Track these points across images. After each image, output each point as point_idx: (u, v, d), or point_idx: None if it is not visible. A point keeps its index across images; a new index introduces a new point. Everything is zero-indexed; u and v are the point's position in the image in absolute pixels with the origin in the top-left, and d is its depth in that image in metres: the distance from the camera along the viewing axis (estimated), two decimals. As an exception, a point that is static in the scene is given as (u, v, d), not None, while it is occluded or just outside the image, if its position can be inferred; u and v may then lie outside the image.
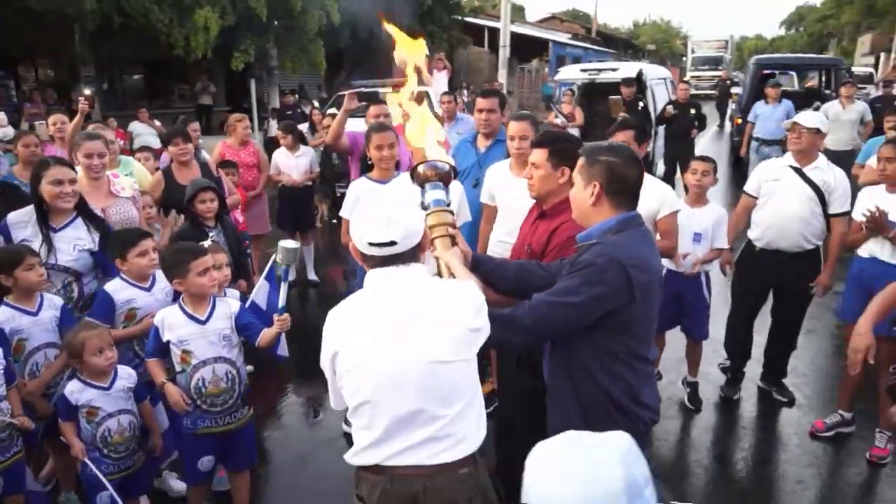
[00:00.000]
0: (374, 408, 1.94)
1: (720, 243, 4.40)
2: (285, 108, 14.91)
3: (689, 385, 4.65)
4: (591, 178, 2.25)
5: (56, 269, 3.40)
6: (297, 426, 4.52)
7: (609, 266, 2.12)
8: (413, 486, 1.94)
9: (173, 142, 5.06)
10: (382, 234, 1.93)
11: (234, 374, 3.07)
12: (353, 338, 1.95)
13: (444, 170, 2.44)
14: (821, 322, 5.73)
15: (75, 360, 2.96)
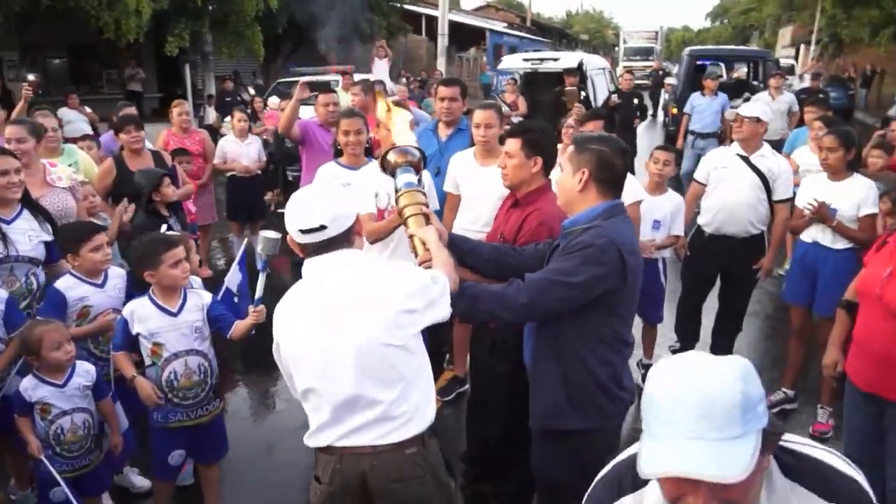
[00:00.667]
0: (318, 394, 2.03)
1: (677, 230, 4.57)
2: (224, 94, 14.53)
3: (643, 367, 4.82)
4: (581, 164, 2.30)
5: (19, 260, 3.26)
6: (260, 416, 4.47)
7: (608, 248, 2.18)
8: (360, 465, 2.03)
9: (125, 129, 4.91)
10: (311, 220, 1.96)
11: (207, 366, 3.02)
12: (291, 327, 2.03)
13: (414, 155, 2.45)
14: (759, 305, 6.00)
15: (32, 356, 2.86)
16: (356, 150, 4.10)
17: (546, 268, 2.28)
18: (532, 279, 2.22)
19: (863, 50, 26.73)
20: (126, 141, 4.92)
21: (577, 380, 2.33)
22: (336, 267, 2.01)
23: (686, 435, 1.18)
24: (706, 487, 1.18)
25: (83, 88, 16.30)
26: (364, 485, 2.04)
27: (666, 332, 5.47)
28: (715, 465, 1.16)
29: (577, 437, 2.39)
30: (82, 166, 4.83)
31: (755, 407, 1.20)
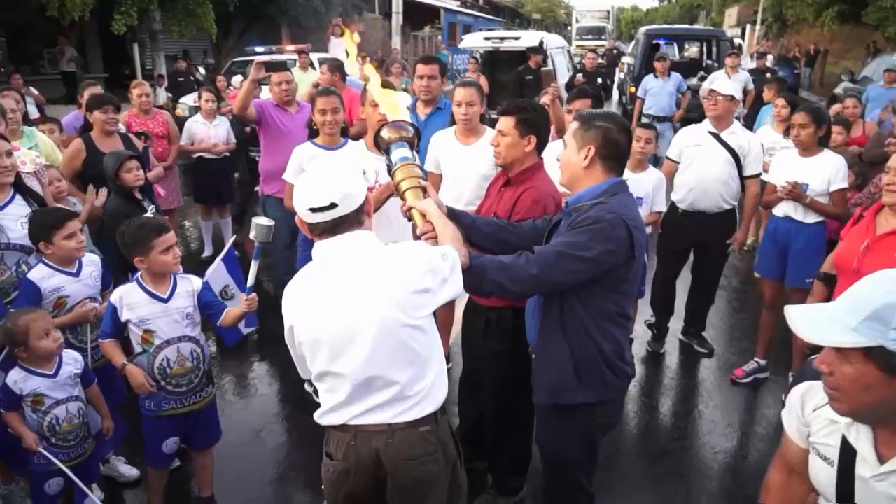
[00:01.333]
0: (334, 376, 2.02)
1: (659, 206, 4.65)
2: (177, 74, 14.11)
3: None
4: (586, 141, 2.31)
5: (10, 247, 3.14)
6: (245, 400, 4.41)
7: (617, 224, 2.19)
8: (374, 443, 2.04)
9: (103, 108, 4.73)
10: (321, 198, 1.93)
11: (199, 352, 2.97)
12: (304, 310, 2.00)
13: (408, 130, 2.41)
14: (726, 279, 6.16)
15: (18, 347, 2.76)
16: (333, 130, 4.04)
17: (555, 241, 2.28)
18: (542, 251, 2.22)
19: (806, 30, 27.44)
20: (102, 120, 4.73)
21: (584, 354, 2.35)
22: (348, 248, 1.98)
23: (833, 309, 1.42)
24: (825, 352, 1.46)
25: (24, 69, 15.62)
26: (377, 462, 2.05)
27: (641, 307, 5.59)
28: (807, 324, 1.42)
29: (583, 410, 2.43)
30: (43, 150, 4.64)
31: (885, 323, 1.33)
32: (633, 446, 3.90)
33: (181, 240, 7.53)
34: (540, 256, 2.21)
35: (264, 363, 4.93)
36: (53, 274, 3.07)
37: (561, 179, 2.47)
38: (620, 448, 3.86)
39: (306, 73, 11.86)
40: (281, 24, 21.41)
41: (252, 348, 5.09)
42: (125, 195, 3.91)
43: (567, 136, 2.40)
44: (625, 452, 3.83)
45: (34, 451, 2.78)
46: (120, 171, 3.91)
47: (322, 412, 2.10)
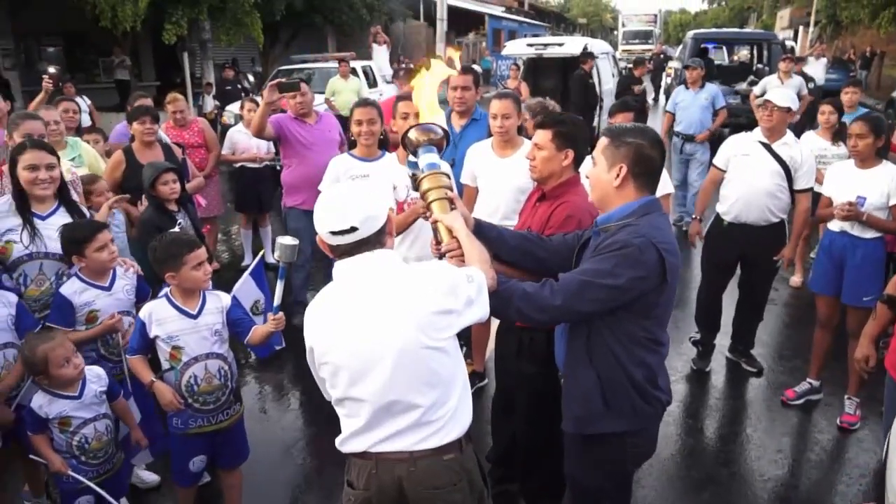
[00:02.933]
0: (354, 400, 1.97)
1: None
2: (225, 82, 14.33)
3: None
4: (617, 159, 2.20)
5: (49, 257, 3.18)
6: (275, 416, 4.38)
7: (646, 248, 2.08)
8: (396, 471, 1.97)
9: (140, 119, 4.80)
10: (341, 221, 1.88)
11: (227, 369, 2.93)
12: (324, 333, 1.97)
13: (437, 133, 2.32)
14: (776, 293, 5.92)
15: (38, 376, 2.75)
16: (369, 141, 4.00)
17: (580, 268, 2.18)
18: (566, 280, 2.13)
19: (861, 32, 26.53)
20: (140, 132, 4.81)
21: (612, 381, 2.24)
22: (368, 269, 1.94)
23: None
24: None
25: (79, 77, 16.09)
26: (400, 491, 1.98)
27: (685, 323, 5.41)
28: None
29: (613, 440, 2.31)
30: (86, 160, 4.71)
31: None
32: (676, 471, 3.73)
33: (223, 247, 7.60)
34: (563, 286, 2.11)
35: (296, 378, 4.90)
36: (86, 288, 3.07)
37: (591, 197, 2.36)
38: (662, 472, 3.69)
39: (347, 80, 11.95)
40: (326, 32, 21.65)
41: (283, 363, 5.06)
42: (159, 207, 3.92)
43: (596, 153, 2.28)
44: (667, 477, 3.67)
45: (63, 473, 2.77)
46: (156, 183, 3.94)
47: (343, 439, 2.04)
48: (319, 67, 14.45)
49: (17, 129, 3.84)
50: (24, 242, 3.13)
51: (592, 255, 2.18)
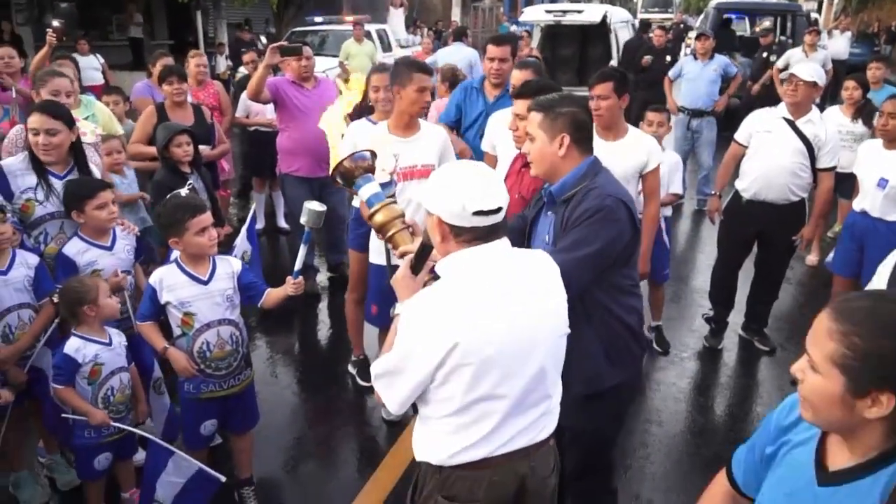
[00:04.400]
0: (493, 399, 1.76)
1: (675, 188, 4.58)
2: (241, 44, 14.16)
3: (653, 329, 4.74)
4: (556, 130, 2.29)
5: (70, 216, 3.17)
6: (289, 379, 4.40)
7: (617, 206, 2.24)
8: (520, 470, 1.85)
9: (168, 80, 4.83)
10: (492, 200, 1.72)
11: (238, 335, 2.93)
12: (475, 327, 1.71)
13: (367, 159, 2.25)
14: (793, 272, 5.85)
15: (87, 306, 2.75)
16: (388, 107, 3.93)
17: (562, 246, 2.23)
18: (562, 262, 2.10)
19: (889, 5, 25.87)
20: (169, 92, 4.84)
21: (612, 334, 2.37)
22: (505, 255, 1.81)
23: None
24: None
25: (92, 34, 15.95)
26: (521, 489, 1.86)
27: (698, 299, 5.38)
28: None
29: (613, 392, 2.45)
30: (100, 119, 4.67)
31: None
32: (686, 448, 3.72)
33: (234, 210, 7.58)
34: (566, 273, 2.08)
35: (306, 343, 4.91)
36: (88, 248, 3.07)
37: (535, 172, 2.40)
38: (672, 450, 3.69)
39: (361, 44, 11.78)
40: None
41: (293, 328, 5.07)
42: (173, 169, 3.90)
43: (532, 129, 2.34)
44: (676, 455, 3.67)
45: (106, 425, 2.80)
46: (170, 145, 3.91)
47: (453, 451, 1.80)
48: (334, 30, 14.28)
49: (44, 85, 3.80)
50: (40, 201, 3.12)
51: (568, 227, 2.26)
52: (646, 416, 3.96)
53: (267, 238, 6.65)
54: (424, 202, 1.83)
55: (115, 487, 3.12)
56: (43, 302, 2.98)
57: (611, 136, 3.61)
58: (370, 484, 3.35)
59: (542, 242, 2.46)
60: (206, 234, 2.79)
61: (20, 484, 3.21)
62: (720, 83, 7.93)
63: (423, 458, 1.88)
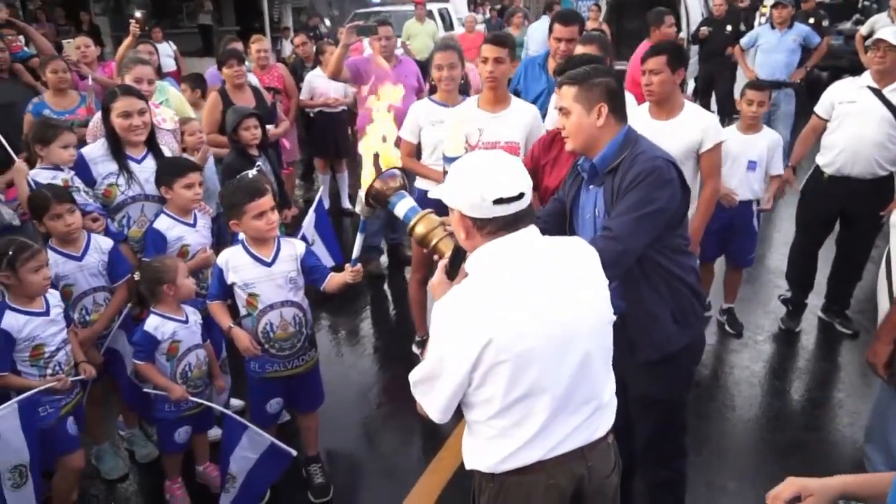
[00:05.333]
0: (535, 398, 1.67)
1: (776, 169, 4.29)
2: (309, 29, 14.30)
3: (725, 312, 4.58)
4: (593, 101, 2.27)
5: (149, 199, 3.33)
6: (356, 358, 4.45)
7: (667, 167, 2.24)
8: (577, 472, 1.76)
9: (228, 63, 4.94)
10: (512, 186, 1.64)
11: (302, 317, 2.96)
12: (510, 321, 1.62)
13: (398, 176, 2.14)
14: (877, 251, 5.53)
15: (167, 284, 2.86)
16: (450, 86, 3.90)
17: (619, 210, 2.22)
18: (617, 226, 2.19)
19: None
20: (229, 75, 4.95)
21: (676, 295, 2.35)
22: (535, 244, 1.71)
23: None
24: None
25: (164, 22, 16.40)
26: (578, 491, 1.78)
27: (774, 280, 5.16)
28: None
29: (683, 353, 2.44)
30: (173, 103, 4.79)
31: None
32: (761, 434, 3.58)
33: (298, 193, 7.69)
34: (618, 231, 2.18)
35: (371, 324, 4.95)
36: (175, 224, 3.21)
37: (572, 146, 2.35)
38: (745, 435, 3.56)
39: (423, 24, 11.71)
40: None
41: (360, 309, 5.12)
42: (241, 152, 3.96)
43: (566, 103, 2.30)
44: (751, 440, 3.53)
45: (185, 400, 2.90)
46: (239, 129, 3.97)
47: (502, 457, 1.72)
48: (395, 10, 14.21)
49: (129, 72, 3.96)
50: (121, 186, 3.27)
51: (621, 194, 2.23)
52: (719, 401, 3.83)
53: (331, 219, 6.73)
54: (444, 198, 1.75)
55: (191, 461, 3.23)
56: (117, 284, 3.09)
57: (663, 114, 3.47)
58: (434, 464, 3.36)
59: (588, 219, 2.41)
60: (263, 219, 2.81)
61: (102, 456, 3.35)
62: (800, 53, 7.50)
63: (473, 466, 1.80)
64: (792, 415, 3.77)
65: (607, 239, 2.16)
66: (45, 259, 2.69)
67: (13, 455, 2.51)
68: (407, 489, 3.20)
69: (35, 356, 2.67)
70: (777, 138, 4.33)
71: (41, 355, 2.68)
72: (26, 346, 2.64)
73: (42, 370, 2.69)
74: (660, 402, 2.49)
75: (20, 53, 5.87)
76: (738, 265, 4.51)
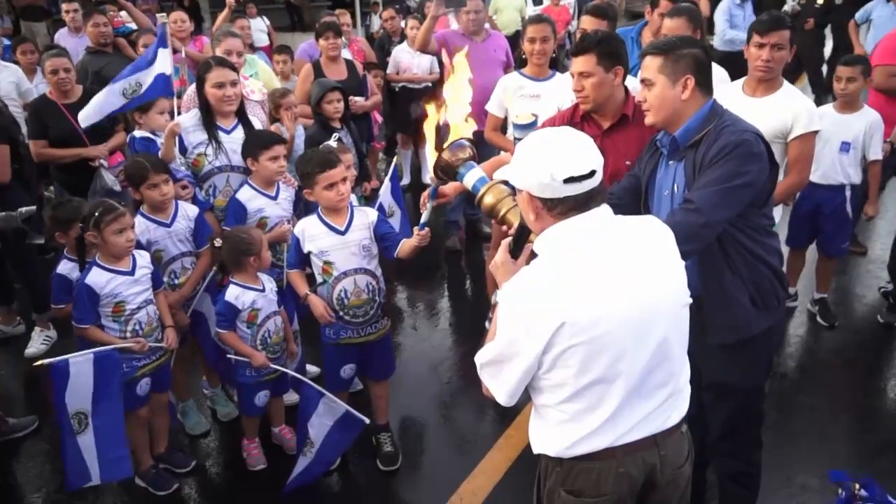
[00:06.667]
0: (608, 384, 1.61)
1: (875, 154, 4.01)
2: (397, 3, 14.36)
3: (817, 303, 4.34)
4: (679, 73, 2.18)
5: (235, 170, 3.43)
6: (430, 332, 4.49)
7: (755, 140, 2.14)
8: (649, 460, 1.69)
9: (325, 35, 5.06)
10: (582, 164, 1.56)
11: (375, 284, 3.00)
12: (587, 303, 1.56)
13: (466, 146, 2.08)
14: None
15: (252, 256, 2.96)
16: (541, 60, 3.86)
17: (703, 182, 2.12)
18: (701, 197, 2.09)
19: None
20: (325, 47, 5.07)
21: (757, 278, 2.26)
22: (609, 224, 1.65)
23: None
24: None
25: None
26: (650, 480, 1.73)
27: (875, 270, 4.85)
28: None
29: (762, 337, 2.34)
30: (262, 77, 4.92)
31: None
32: (850, 431, 3.39)
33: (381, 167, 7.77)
34: (701, 202, 2.09)
35: (447, 298, 4.96)
36: (257, 196, 3.29)
37: (652, 119, 2.26)
38: (838, 433, 3.36)
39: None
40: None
41: (436, 283, 5.14)
42: (323, 124, 4.03)
43: (650, 74, 2.22)
44: (845, 439, 3.34)
45: (266, 367, 3.01)
46: (322, 102, 4.03)
47: (572, 441, 1.67)
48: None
49: (219, 45, 4.13)
50: (209, 156, 3.37)
51: (705, 167, 2.14)
52: (806, 395, 3.64)
53: (412, 194, 6.77)
54: (511, 178, 1.69)
55: (267, 423, 3.35)
56: (202, 249, 3.23)
57: (759, 90, 3.15)
58: (502, 441, 3.35)
59: (665, 195, 2.31)
60: (334, 189, 2.86)
61: (187, 412, 3.52)
62: None
63: (541, 450, 1.75)
64: (886, 414, 3.54)
65: (688, 211, 2.08)
66: (130, 222, 2.83)
67: (78, 400, 2.69)
68: (474, 464, 3.21)
69: (116, 312, 2.84)
70: (877, 119, 4.00)
71: (122, 312, 2.84)
72: (108, 301, 2.81)
73: (123, 326, 2.85)
74: (735, 390, 2.38)
75: (122, 28, 6.17)
76: (827, 254, 4.26)
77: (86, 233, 2.78)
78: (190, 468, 3.22)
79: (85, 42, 5.75)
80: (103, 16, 5.41)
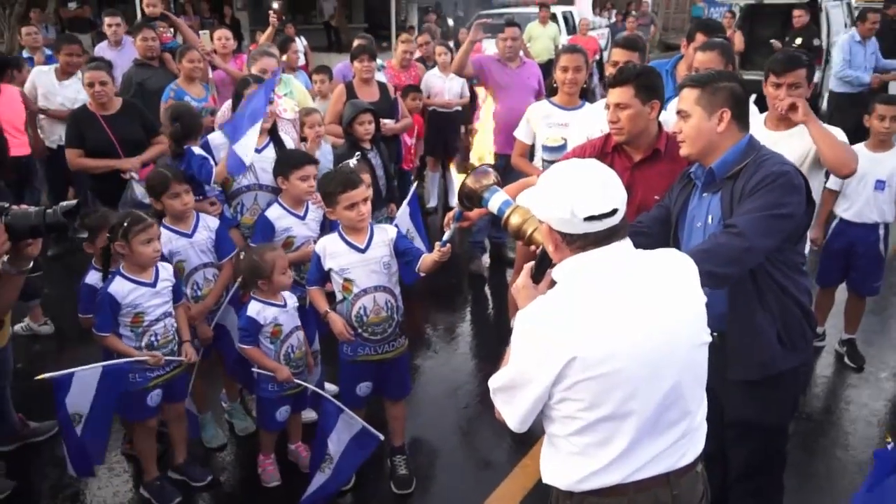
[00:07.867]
0: (621, 418, 1.59)
1: None
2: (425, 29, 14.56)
3: (845, 343, 4.26)
4: (717, 105, 2.21)
5: (263, 189, 3.47)
6: (449, 355, 4.48)
7: (795, 173, 2.16)
8: (662, 497, 1.65)
9: (360, 58, 5.12)
10: (604, 203, 1.55)
11: (393, 302, 3.02)
12: (600, 338, 1.54)
13: (490, 173, 2.10)
14: None
15: (262, 280, 2.97)
16: (573, 90, 3.89)
17: (747, 208, 2.12)
18: (746, 222, 2.09)
19: None
20: (358, 69, 5.13)
21: (787, 314, 2.25)
22: (628, 259, 1.63)
23: None
24: None
25: (299, 17, 17.15)
26: None
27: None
28: None
29: (789, 375, 2.33)
30: (297, 95, 5.01)
31: None
32: None
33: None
34: (747, 227, 2.08)
35: (468, 321, 4.95)
36: (286, 215, 3.33)
37: (688, 151, 2.28)
38: (858, 476, 3.26)
39: (546, 27, 11.62)
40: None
41: (457, 306, 5.14)
42: (354, 145, 4.08)
43: (686, 105, 2.25)
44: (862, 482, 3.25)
45: (290, 381, 3.02)
46: (353, 122, 4.08)
47: (583, 475, 1.64)
48: (519, 12, 14.21)
49: (255, 63, 4.23)
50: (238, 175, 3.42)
51: (744, 198, 2.14)
52: (831, 438, 3.56)
53: (439, 217, 6.80)
54: (532, 209, 1.69)
55: (284, 439, 3.35)
56: (224, 262, 3.27)
57: (783, 125, 3.11)
58: (518, 470, 3.31)
59: (698, 227, 2.29)
60: (354, 210, 2.88)
61: (204, 425, 3.54)
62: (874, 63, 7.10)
63: (551, 481, 1.72)
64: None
65: (732, 234, 2.07)
66: (157, 233, 2.88)
67: (75, 406, 2.76)
68: (488, 492, 3.18)
69: (135, 322, 2.88)
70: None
71: (140, 323, 2.89)
72: (128, 311, 2.86)
73: (139, 337, 2.89)
74: (758, 429, 2.34)
75: (170, 44, 6.33)
76: (859, 293, 4.19)
77: (113, 242, 2.82)
78: (206, 482, 3.21)
79: (124, 55, 5.96)
80: (153, 31, 5.56)
